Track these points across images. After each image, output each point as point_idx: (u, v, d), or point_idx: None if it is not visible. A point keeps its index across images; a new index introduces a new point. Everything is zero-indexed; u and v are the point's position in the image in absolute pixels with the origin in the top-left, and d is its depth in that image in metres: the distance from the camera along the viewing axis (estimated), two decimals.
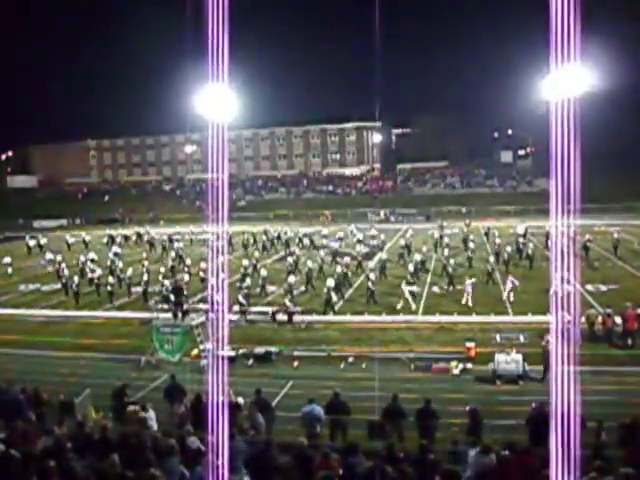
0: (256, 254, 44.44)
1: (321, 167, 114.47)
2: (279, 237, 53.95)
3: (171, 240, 53.33)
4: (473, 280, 30.89)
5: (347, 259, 40.11)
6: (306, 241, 51.76)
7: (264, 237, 52.49)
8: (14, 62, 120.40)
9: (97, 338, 27.22)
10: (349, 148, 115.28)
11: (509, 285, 30.49)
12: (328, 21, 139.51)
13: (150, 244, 54.63)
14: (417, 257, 38.79)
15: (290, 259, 40.23)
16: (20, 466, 8.03)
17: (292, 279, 32.54)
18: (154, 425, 15.01)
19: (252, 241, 52.90)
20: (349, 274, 36.20)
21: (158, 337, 23.77)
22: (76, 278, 35.26)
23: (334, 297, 30.07)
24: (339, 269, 35.31)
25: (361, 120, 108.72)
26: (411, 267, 34.54)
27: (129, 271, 36.58)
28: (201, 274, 35.52)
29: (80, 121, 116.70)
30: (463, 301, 30.01)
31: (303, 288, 34.15)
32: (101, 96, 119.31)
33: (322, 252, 42.78)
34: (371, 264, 36.47)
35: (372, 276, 32.53)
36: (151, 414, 15.44)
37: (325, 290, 30.05)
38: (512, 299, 29.85)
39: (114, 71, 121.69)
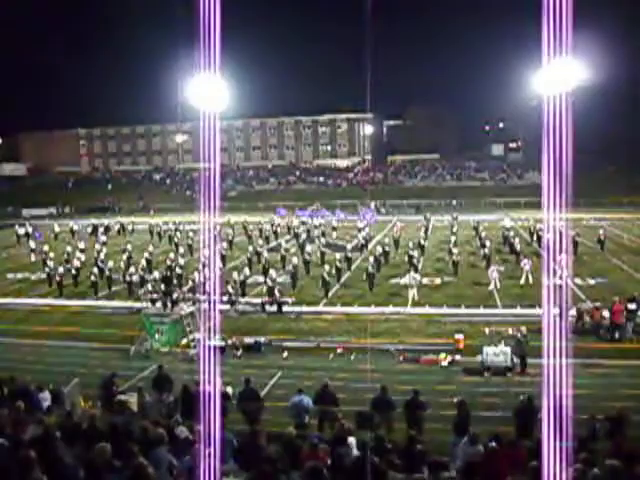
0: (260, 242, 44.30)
1: (312, 158, 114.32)
2: (289, 228, 53.30)
3: (177, 230, 52.51)
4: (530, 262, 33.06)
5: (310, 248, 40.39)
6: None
7: (267, 227, 51.96)
8: (4, 50, 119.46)
9: (86, 327, 27.15)
10: (340, 139, 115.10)
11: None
12: (321, 12, 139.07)
13: (155, 233, 54.09)
14: (379, 249, 38.99)
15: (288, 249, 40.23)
16: (7, 454, 8.02)
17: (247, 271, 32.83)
18: (44, 406, 14.97)
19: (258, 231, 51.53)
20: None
21: (148, 327, 23.78)
22: (61, 269, 34.98)
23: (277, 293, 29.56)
24: (295, 260, 35.20)
25: (352, 111, 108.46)
26: (371, 259, 34.60)
27: (110, 263, 36.28)
28: (178, 270, 34.25)
29: (70, 109, 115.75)
30: (522, 281, 31.89)
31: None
32: (92, 84, 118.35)
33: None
34: (338, 255, 36.40)
35: (327, 268, 32.48)
36: (46, 395, 15.41)
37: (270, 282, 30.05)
38: None
39: (105, 60, 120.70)
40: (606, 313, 23.57)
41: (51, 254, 39.66)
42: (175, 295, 27.53)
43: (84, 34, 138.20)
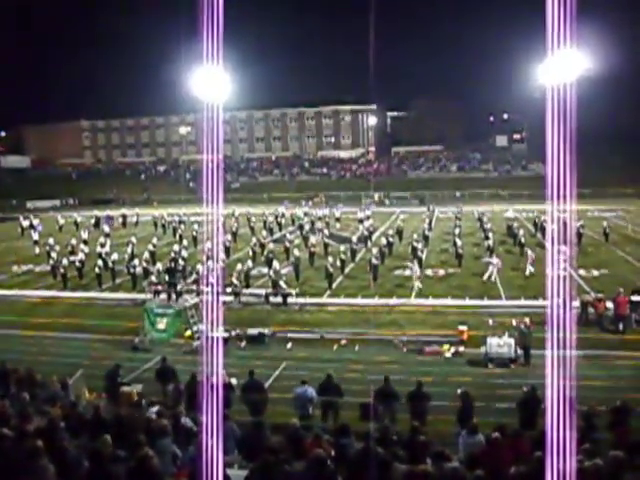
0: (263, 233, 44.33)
1: (315, 149, 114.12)
2: (293, 221, 53.24)
3: (181, 221, 52.30)
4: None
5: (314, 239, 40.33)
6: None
7: (270, 218, 51.98)
8: (8, 42, 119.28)
9: (90, 319, 27.21)
10: (344, 131, 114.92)
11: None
12: (324, 3, 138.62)
13: (160, 225, 53.95)
14: (383, 240, 38.97)
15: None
16: (12, 445, 8.05)
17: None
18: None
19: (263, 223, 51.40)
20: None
21: (150, 318, 23.81)
22: (65, 260, 34.98)
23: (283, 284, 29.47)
24: (297, 252, 35.02)
25: (356, 103, 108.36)
26: (375, 250, 34.57)
27: (114, 255, 36.26)
28: (181, 262, 32.93)
29: (74, 101, 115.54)
30: (526, 272, 31.61)
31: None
32: (95, 77, 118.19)
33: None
34: (342, 247, 36.33)
35: (330, 259, 32.25)
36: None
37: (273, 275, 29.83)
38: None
39: (108, 52, 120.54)
40: (610, 304, 23.55)
41: (56, 246, 39.72)
42: (179, 287, 27.58)
43: (87, 26, 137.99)
